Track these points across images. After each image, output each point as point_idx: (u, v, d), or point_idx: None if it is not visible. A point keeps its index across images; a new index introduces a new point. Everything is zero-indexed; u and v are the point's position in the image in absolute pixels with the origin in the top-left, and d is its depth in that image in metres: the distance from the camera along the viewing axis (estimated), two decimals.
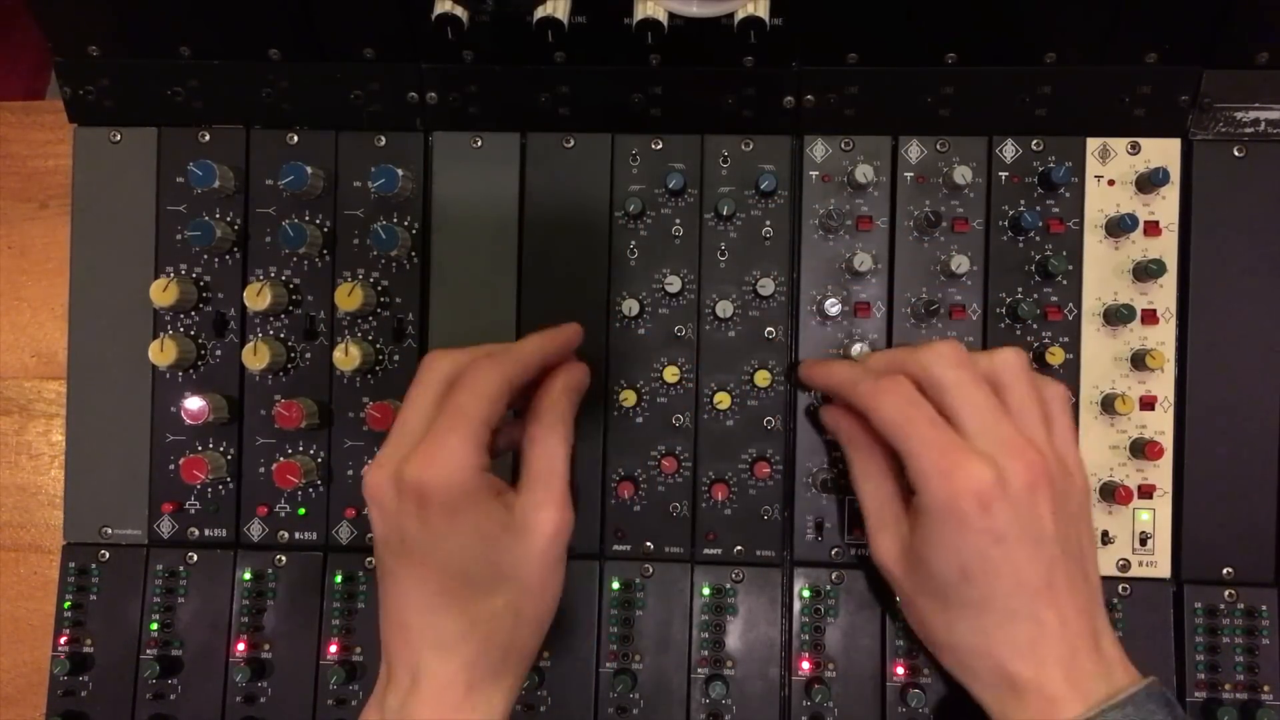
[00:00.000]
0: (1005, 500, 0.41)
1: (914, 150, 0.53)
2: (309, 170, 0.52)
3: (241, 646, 0.53)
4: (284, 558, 0.54)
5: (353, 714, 0.52)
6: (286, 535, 0.54)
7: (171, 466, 0.53)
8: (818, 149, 0.54)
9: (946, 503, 0.41)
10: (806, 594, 0.52)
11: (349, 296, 0.52)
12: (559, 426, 0.44)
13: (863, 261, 0.52)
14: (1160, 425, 0.52)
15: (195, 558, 0.54)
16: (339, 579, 0.53)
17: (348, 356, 0.51)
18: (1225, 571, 0.51)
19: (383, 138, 0.54)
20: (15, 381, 0.60)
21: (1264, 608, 0.51)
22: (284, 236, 0.52)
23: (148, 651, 0.53)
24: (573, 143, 0.54)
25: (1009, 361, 0.45)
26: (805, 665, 0.52)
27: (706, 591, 0.53)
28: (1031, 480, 0.41)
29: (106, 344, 0.55)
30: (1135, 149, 0.53)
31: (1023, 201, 0.53)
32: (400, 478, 0.40)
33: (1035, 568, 0.41)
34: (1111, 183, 0.53)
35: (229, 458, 0.54)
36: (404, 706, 0.41)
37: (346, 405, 0.54)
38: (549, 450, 0.44)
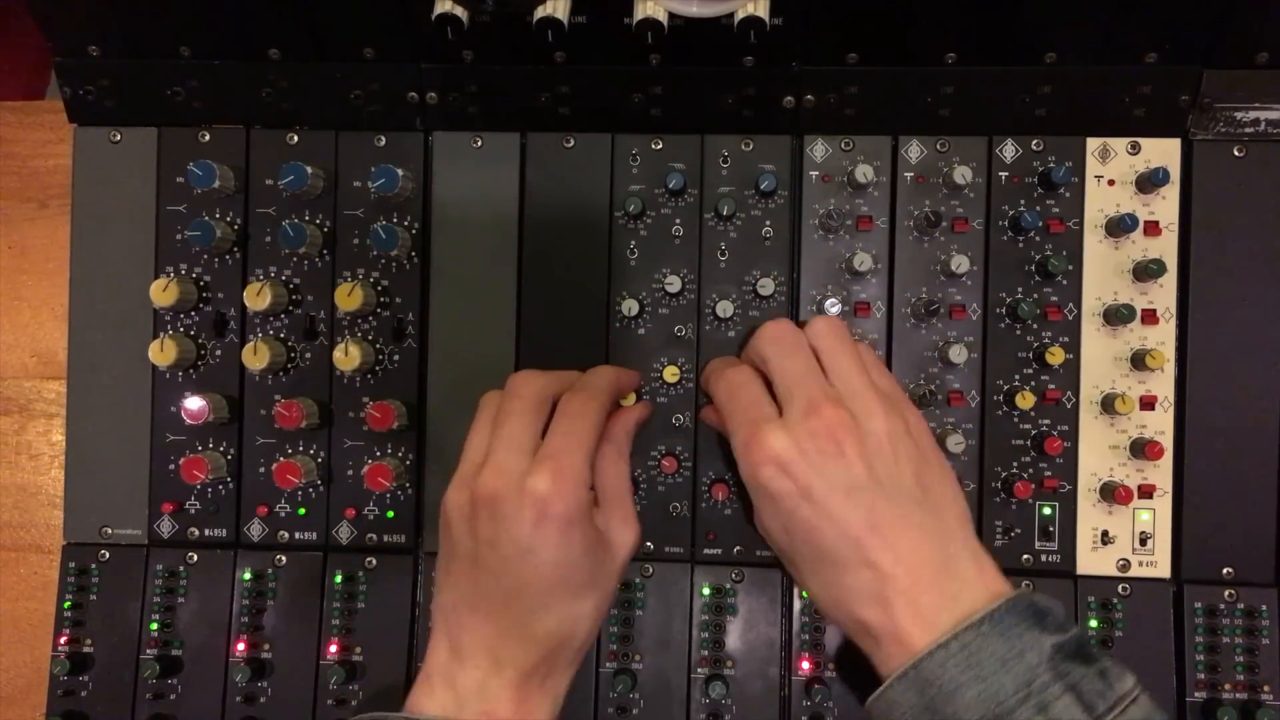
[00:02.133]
0: (803, 459, 0.42)
1: (914, 150, 0.53)
2: (309, 170, 0.52)
3: (241, 646, 0.53)
4: (284, 558, 0.54)
5: (353, 714, 0.52)
6: (286, 535, 0.54)
7: (171, 466, 0.53)
8: (818, 149, 0.54)
9: (752, 475, 0.44)
10: (806, 594, 0.52)
11: (349, 296, 0.52)
12: (625, 453, 0.50)
13: (863, 261, 0.52)
14: (1160, 425, 0.52)
15: (195, 558, 0.54)
16: (339, 579, 0.53)
17: (348, 356, 0.51)
18: (1225, 571, 0.51)
19: (383, 138, 0.54)
20: (15, 381, 0.60)
21: (1264, 608, 0.51)
22: (284, 236, 0.52)
23: (148, 651, 0.53)
24: (573, 143, 0.54)
25: (817, 326, 0.47)
26: (805, 665, 0.52)
27: (706, 591, 0.53)
28: (830, 432, 0.43)
29: (106, 344, 0.55)
30: (1135, 149, 0.53)
31: (1023, 201, 0.53)
32: (524, 488, 0.43)
33: (853, 514, 0.42)
34: (1111, 183, 0.53)
35: (229, 458, 0.54)
36: (484, 687, 0.44)
37: (346, 405, 0.54)
38: (621, 473, 0.49)
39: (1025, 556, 0.52)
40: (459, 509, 0.45)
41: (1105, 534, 0.52)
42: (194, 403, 0.52)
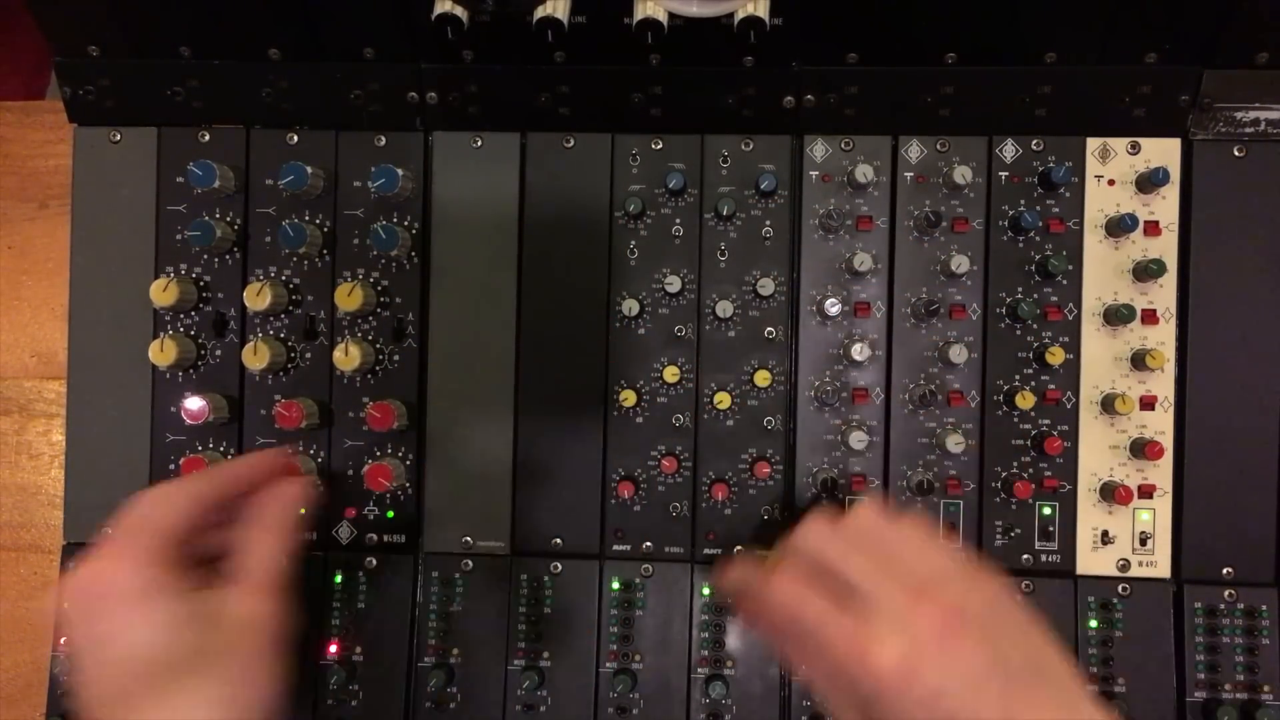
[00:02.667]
0: (925, 660, 0.39)
1: (914, 150, 0.53)
2: (309, 170, 0.52)
3: None
4: None
5: (352, 713, 0.52)
6: None
7: (171, 466, 0.53)
8: (818, 149, 0.54)
9: (876, 688, 0.40)
10: None
11: (349, 296, 0.52)
12: (272, 530, 0.45)
13: (863, 261, 0.52)
14: (1160, 425, 0.52)
15: None
16: (339, 579, 0.53)
17: (348, 356, 0.51)
18: (1225, 571, 0.51)
19: (383, 138, 0.54)
20: (15, 381, 0.60)
21: (1264, 608, 0.51)
22: (284, 236, 0.52)
23: None
24: (573, 143, 0.54)
25: (866, 517, 0.44)
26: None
27: (706, 591, 0.53)
28: (942, 625, 0.40)
29: (106, 344, 0.54)
30: (1135, 149, 0.53)
31: (1023, 201, 0.53)
32: (72, 585, 0.41)
33: (988, 705, 0.40)
34: (1111, 182, 0.53)
35: (229, 458, 0.54)
36: None
37: (346, 405, 0.54)
38: (259, 550, 0.44)
39: (1025, 556, 0.52)
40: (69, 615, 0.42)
41: (1105, 534, 0.52)
42: (194, 403, 0.52)
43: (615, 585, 0.53)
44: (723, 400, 0.53)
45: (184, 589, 0.42)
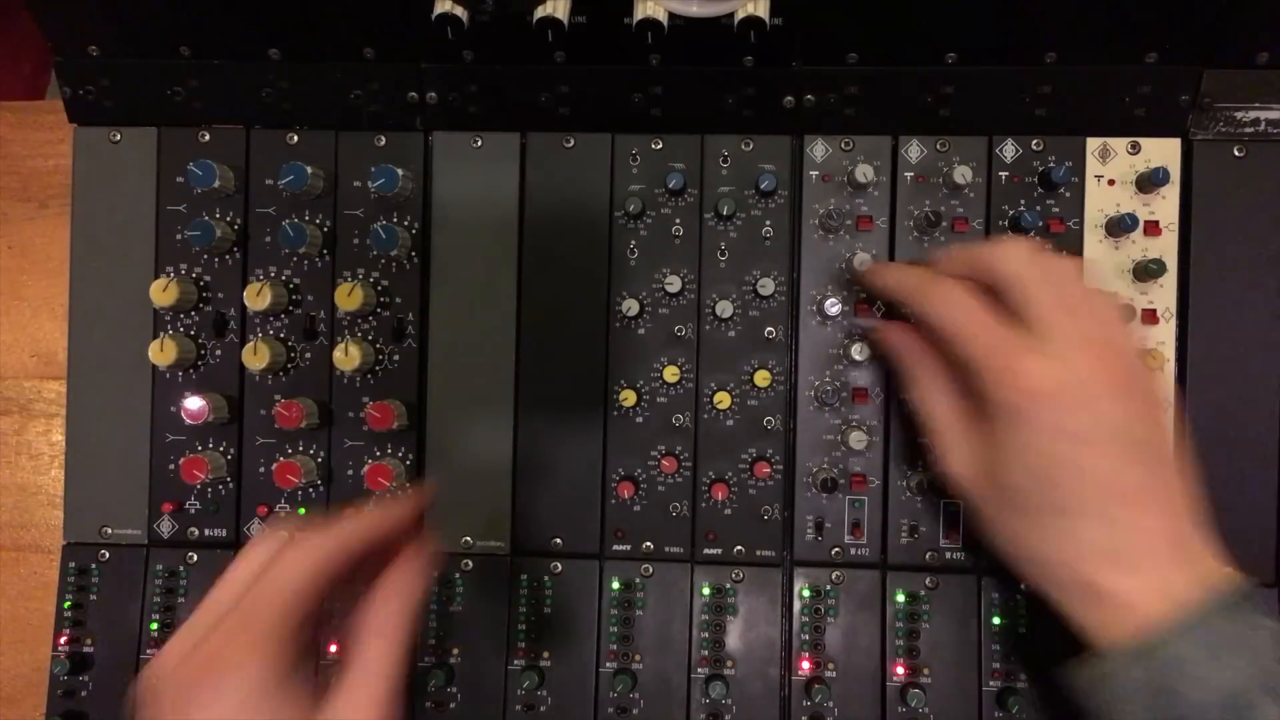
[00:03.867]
0: (1074, 397, 0.39)
1: (914, 150, 0.53)
2: (309, 170, 0.52)
3: None
4: None
5: None
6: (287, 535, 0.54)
7: (171, 466, 0.53)
8: (818, 149, 0.54)
9: (1014, 404, 0.40)
10: (806, 594, 0.52)
11: (349, 296, 0.52)
12: (394, 634, 0.39)
13: (863, 261, 0.52)
14: None
15: (195, 558, 0.54)
16: None
17: (348, 356, 0.51)
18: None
19: (383, 138, 0.54)
20: (15, 381, 0.60)
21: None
22: (284, 236, 0.52)
23: (148, 651, 0.53)
24: (573, 142, 0.54)
25: (1071, 264, 0.44)
26: (805, 665, 0.52)
27: (706, 591, 0.53)
28: (1109, 377, 0.40)
29: (106, 344, 0.55)
30: (1135, 149, 0.53)
31: (1023, 201, 0.53)
32: (170, 675, 0.36)
33: (1113, 466, 0.40)
34: (1111, 182, 0.53)
35: (229, 458, 0.54)
36: None
37: (346, 405, 0.54)
38: (374, 651, 0.38)
39: None
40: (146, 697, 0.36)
41: None
42: (194, 403, 0.52)
43: (615, 585, 0.53)
44: (723, 400, 0.53)
45: (300, 696, 0.36)
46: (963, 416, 0.45)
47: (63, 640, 0.53)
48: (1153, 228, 0.52)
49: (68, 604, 0.54)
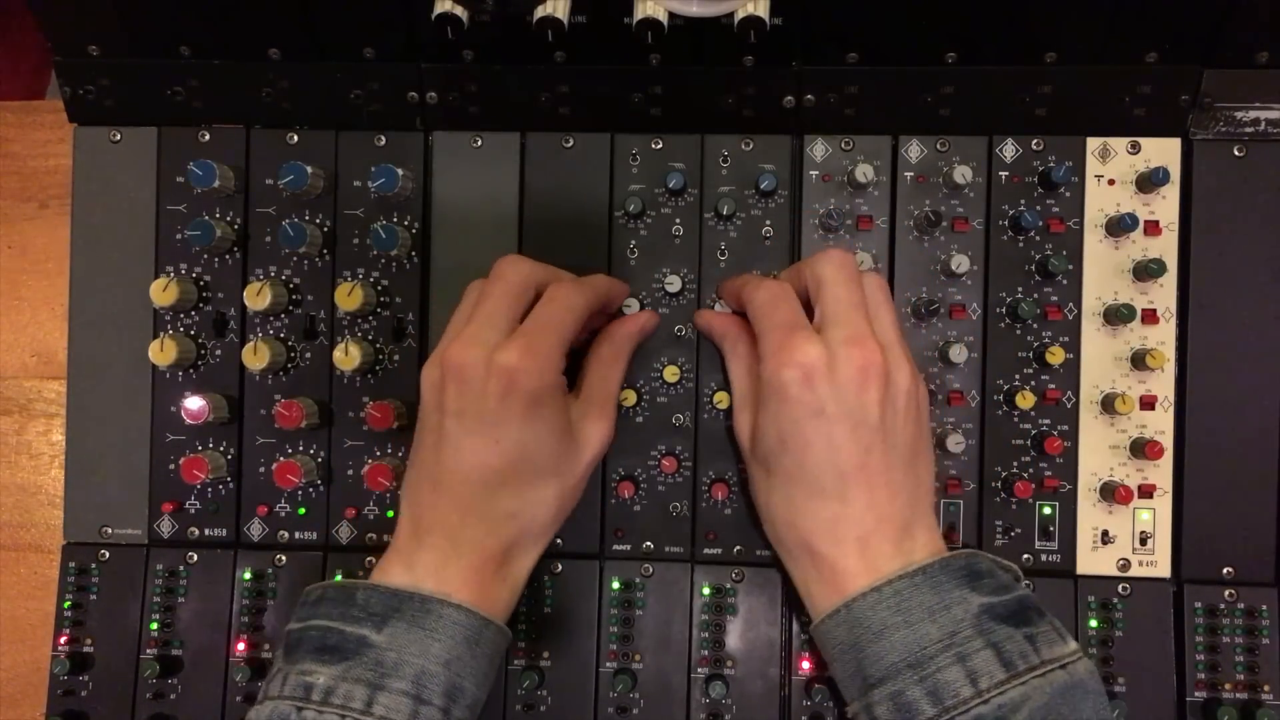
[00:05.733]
0: (830, 379, 0.43)
1: (914, 150, 0.53)
2: (309, 170, 0.52)
3: (241, 646, 0.53)
4: (284, 557, 0.54)
5: None
6: (286, 535, 0.54)
7: (171, 466, 0.53)
8: (818, 149, 0.54)
9: (774, 374, 0.44)
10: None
11: (349, 296, 0.52)
12: (622, 357, 0.51)
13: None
14: (1160, 425, 0.52)
15: (195, 557, 0.54)
16: (339, 579, 0.53)
17: (348, 356, 0.51)
18: (1225, 571, 0.51)
19: (383, 138, 0.54)
20: (15, 381, 0.60)
21: (1264, 608, 0.51)
22: (284, 236, 0.52)
23: (148, 651, 0.53)
24: (572, 142, 0.54)
25: (876, 281, 0.48)
26: (805, 665, 0.52)
27: (706, 591, 0.53)
28: (864, 367, 0.43)
29: (106, 344, 0.55)
30: (1135, 148, 0.53)
31: (1023, 201, 0.53)
32: (493, 360, 0.44)
33: (850, 447, 0.43)
34: (1112, 182, 0.53)
35: (229, 458, 0.54)
36: (442, 568, 0.44)
37: (346, 405, 0.54)
38: (611, 374, 0.50)
39: (1025, 556, 0.52)
40: (430, 382, 0.45)
41: (1105, 534, 0.52)
42: (194, 402, 0.52)
43: (615, 585, 0.53)
44: (723, 400, 0.53)
45: (565, 399, 0.47)
46: (754, 386, 0.48)
47: (63, 640, 0.53)
48: (1153, 228, 0.52)
49: (68, 604, 0.54)
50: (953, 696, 0.39)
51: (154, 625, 0.53)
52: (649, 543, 0.53)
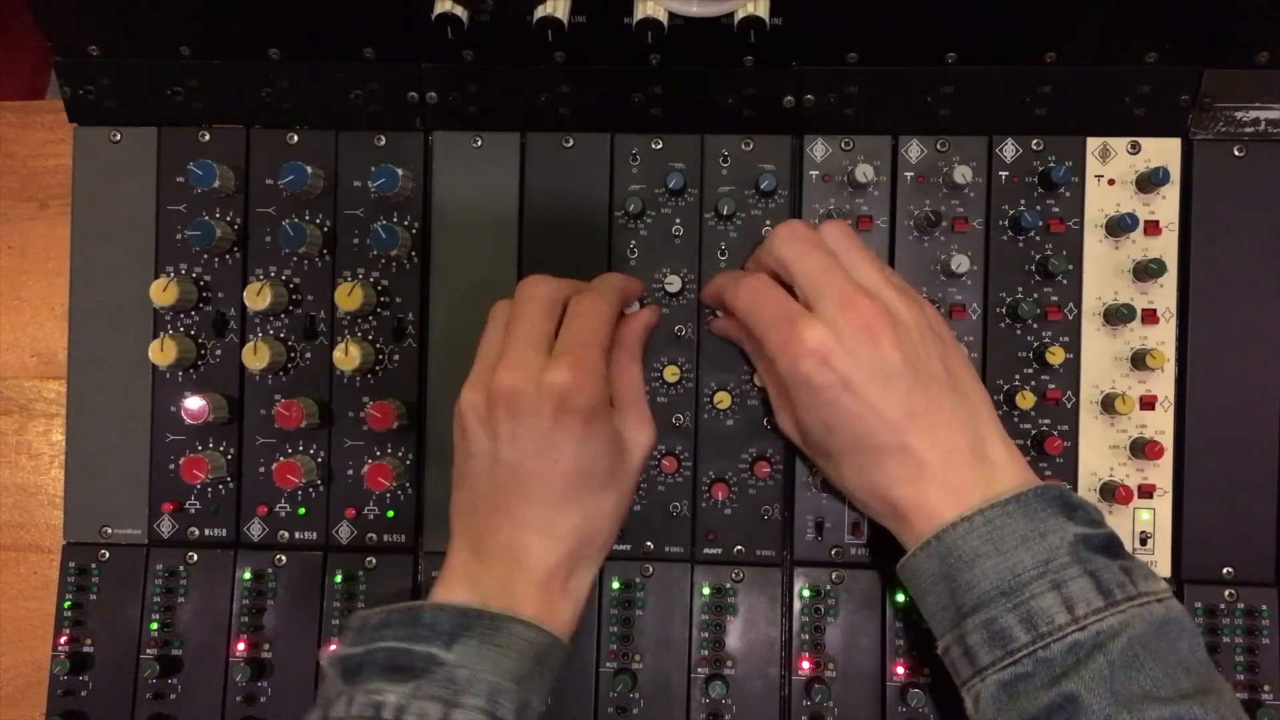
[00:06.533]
0: (842, 350, 0.43)
1: (914, 150, 0.53)
2: (309, 170, 0.52)
3: (241, 646, 0.53)
4: (284, 557, 0.54)
5: None
6: (286, 535, 0.54)
7: (171, 466, 0.53)
8: (818, 149, 0.54)
9: (792, 370, 0.44)
10: (806, 594, 0.52)
11: (349, 296, 0.52)
12: (638, 356, 0.51)
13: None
14: (1160, 425, 0.52)
15: (195, 557, 0.54)
16: (339, 579, 0.53)
17: (348, 356, 0.51)
18: (1225, 571, 0.51)
19: (383, 138, 0.54)
20: (15, 381, 0.60)
21: (1264, 608, 0.51)
22: (284, 236, 0.52)
23: (148, 651, 0.53)
24: (572, 142, 0.54)
25: (829, 229, 0.47)
26: (805, 665, 0.52)
27: (706, 591, 0.53)
28: (867, 323, 0.43)
29: (106, 344, 0.55)
30: (1135, 148, 0.53)
31: (1023, 201, 0.53)
32: (543, 382, 0.44)
33: (892, 401, 0.43)
34: (1112, 182, 0.53)
35: (229, 458, 0.54)
36: (508, 586, 0.44)
37: (346, 405, 0.54)
38: (635, 375, 0.50)
39: None
40: (474, 409, 0.45)
41: None
42: (194, 402, 0.52)
43: (615, 585, 0.53)
44: (723, 400, 0.53)
45: (609, 409, 0.47)
46: (782, 386, 0.48)
47: (63, 640, 0.53)
48: (1153, 227, 0.52)
49: (68, 604, 0.54)
50: (1048, 623, 0.39)
51: (154, 625, 0.53)
52: (649, 543, 0.53)
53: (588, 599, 0.48)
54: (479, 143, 0.54)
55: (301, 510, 0.54)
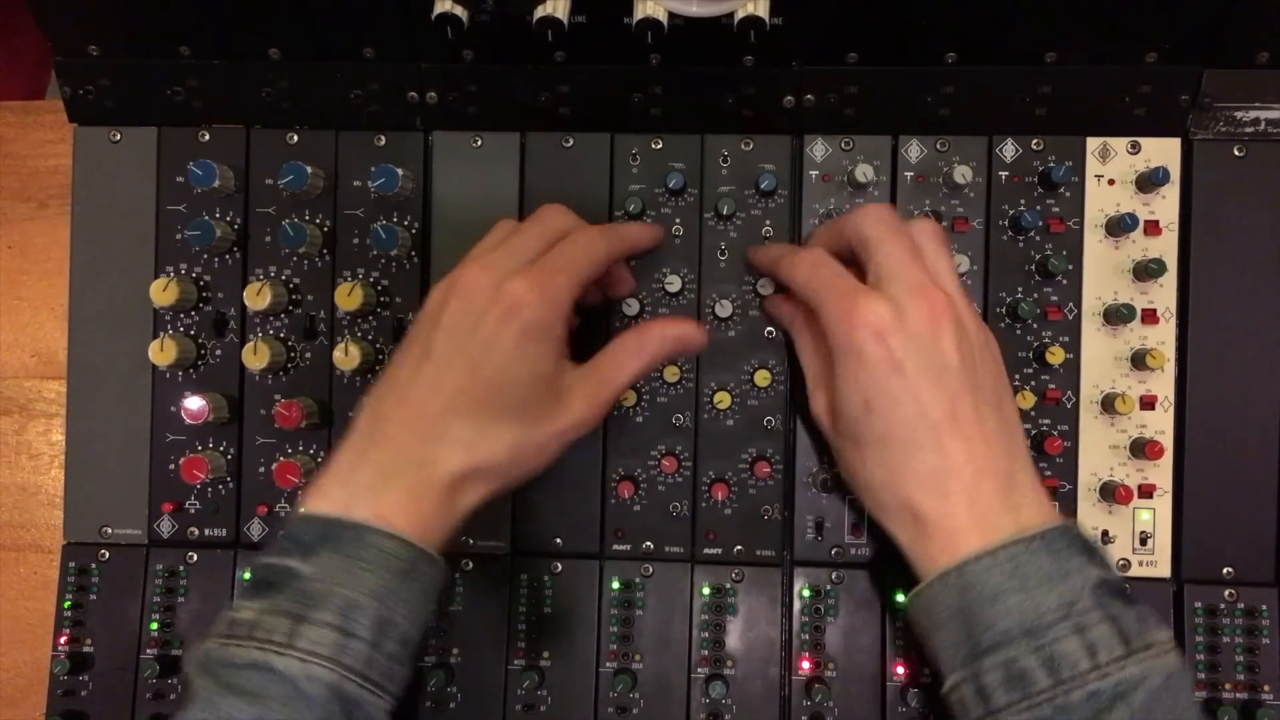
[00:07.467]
0: (902, 332, 0.42)
1: (914, 150, 0.53)
2: (309, 170, 0.52)
3: None
4: None
5: None
6: None
7: (171, 466, 0.53)
8: (818, 148, 0.54)
9: (846, 339, 0.43)
10: (806, 594, 0.52)
11: (349, 296, 0.52)
12: (645, 354, 0.47)
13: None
14: (1160, 425, 0.52)
15: (195, 557, 0.54)
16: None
17: (348, 356, 0.51)
18: (1225, 571, 0.51)
19: (383, 138, 0.54)
20: (15, 381, 0.60)
21: (1264, 608, 0.51)
22: (284, 236, 0.52)
23: (148, 651, 0.53)
24: (572, 142, 0.54)
25: (924, 224, 0.47)
26: (805, 665, 0.52)
27: (706, 591, 0.53)
28: (933, 315, 0.43)
29: (106, 344, 0.54)
30: (1135, 148, 0.53)
31: (1023, 201, 0.53)
32: (502, 286, 0.43)
33: (937, 397, 0.42)
34: (1112, 182, 0.53)
35: (229, 457, 0.54)
36: (381, 487, 0.42)
37: (346, 405, 0.54)
38: (625, 364, 0.47)
39: None
40: (434, 299, 0.45)
41: (1105, 534, 0.52)
42: (194, 402, 0.52)
43: (615, 585, 0.53)
44: (723, 400, 0.53)
45: (562, 351, 0.45)
46: (826, 364, 0.47)
47: (63, 640, 0.53)
48: (1153, 227, 0.52)
49: (68, 604, 0.54)
50: (1071, 669, 0.38)
51: (154, 625, 0.53)
52: (649, 543, 0.53)
53: (467, 523, 0.45)
54: (479, 143, 0.54)
55: (303, 510, 0.54)
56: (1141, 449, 0.51)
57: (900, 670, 0.51)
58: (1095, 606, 0.39)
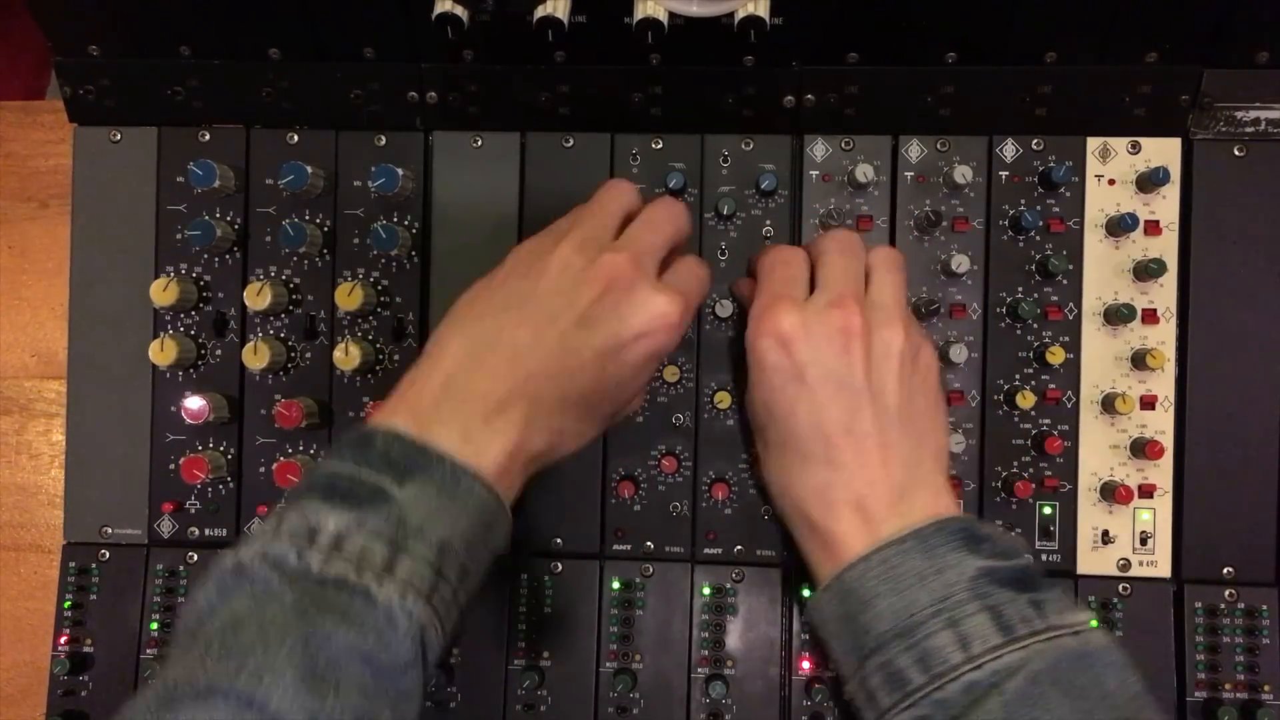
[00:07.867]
0: (808, 343, 0.43)
1: (914, 150, 0.53)
2: (309, 170, 0.52)
3: None
4: None
5: None
6: None
7: (171, 466, 0.53)
8: (818, 148, 0.54)
9: (753, 344, 0.44)
10: (806, 594, 0.52)
11: (349, 296, 0.52)
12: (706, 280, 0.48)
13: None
14: (1160, 425, 0.52)
15: (195, 557, 0.54)
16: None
17: (348, 356, 0.51)
18: (1225, 571, 0.51)
19: (383, 137, 0.54)
20: (15, 381, 0.60)
21: (1264, 608, 0.51)
22: (284, 236, 0.52)
23: (148, 651, 0.53)
24: (572, 142, 0.54)
25: (881, 250, 0.48)
26: (805, 665, 0.52)
27: (706, 591, 0.53)
28: (844, 328, 0.43)
29: (106, 344, 0.54)
30: (1135, 148, 0.53)
31: (1023, 201, 0.53)
32: (654, 298, 0.42)
33: (835, 410, 0.42)
34: (1112, 182, 0.53)
35: (229, 457, 0.54)
36: (483, 438, 0.40)
37: (346, 405, 0.54)
38: (700, 274, 0.47)
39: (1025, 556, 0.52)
40: (568, 262, 0.42)
41: (1106, 534, 0.52)
42: (194, 402, 0.52)
43: (615, 585, 0.53)
44: (723, 400, 0.53)
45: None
46: None
47: (63, 640, 0.53)
48: (1153, 227, 0.52)
49: (68, 604, 0.54)
50: (941, 663, 0.38)
51: (154, 625, 0.53)
52: (649, 543, 0.53)
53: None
54: (479, 143, 0.54)
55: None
56: (1142, 449, 0.51)
57: None
58: (972, 599, 0.39)
